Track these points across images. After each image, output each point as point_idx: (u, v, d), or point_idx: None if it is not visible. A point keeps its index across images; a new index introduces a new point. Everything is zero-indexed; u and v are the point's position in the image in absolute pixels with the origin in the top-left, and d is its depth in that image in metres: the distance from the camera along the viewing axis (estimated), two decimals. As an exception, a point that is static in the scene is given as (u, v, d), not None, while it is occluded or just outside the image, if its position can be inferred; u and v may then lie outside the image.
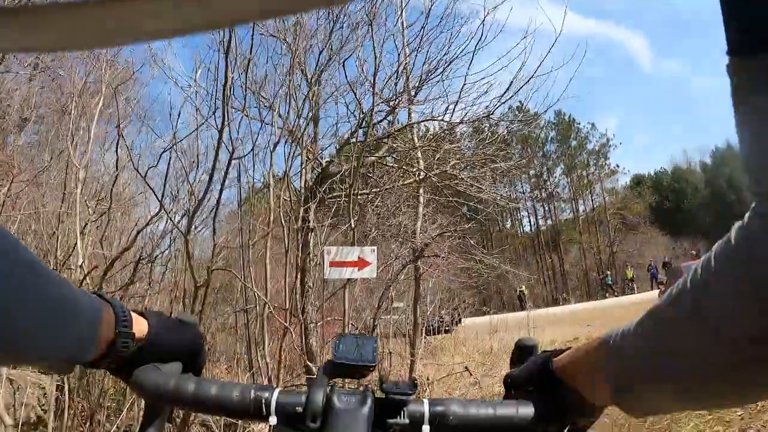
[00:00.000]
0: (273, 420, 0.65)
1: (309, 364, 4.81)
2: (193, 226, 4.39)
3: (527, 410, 0.69)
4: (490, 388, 7.72)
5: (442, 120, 6.01)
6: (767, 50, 0.37)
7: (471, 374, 7.88)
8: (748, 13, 0.38)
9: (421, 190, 6.90)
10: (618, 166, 43.96)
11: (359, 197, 6.22)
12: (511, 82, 5.34)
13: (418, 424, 0.66)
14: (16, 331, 0.49)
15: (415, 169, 6.51)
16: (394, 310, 10.43)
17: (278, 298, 5.65)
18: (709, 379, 0.48)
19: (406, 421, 0.66)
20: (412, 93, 6.01)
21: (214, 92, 4.54)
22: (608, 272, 35.21)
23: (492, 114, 5.87)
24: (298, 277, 5.54)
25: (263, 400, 0.66)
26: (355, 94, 5.87)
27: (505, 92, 5.46)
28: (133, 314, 0.63)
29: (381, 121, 6.31)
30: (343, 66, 5.85)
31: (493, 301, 42.35)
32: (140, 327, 0.64)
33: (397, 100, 5.99)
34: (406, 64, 5.97)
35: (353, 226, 5.31)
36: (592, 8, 78.86)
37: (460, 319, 20.85)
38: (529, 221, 46.60)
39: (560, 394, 0.68)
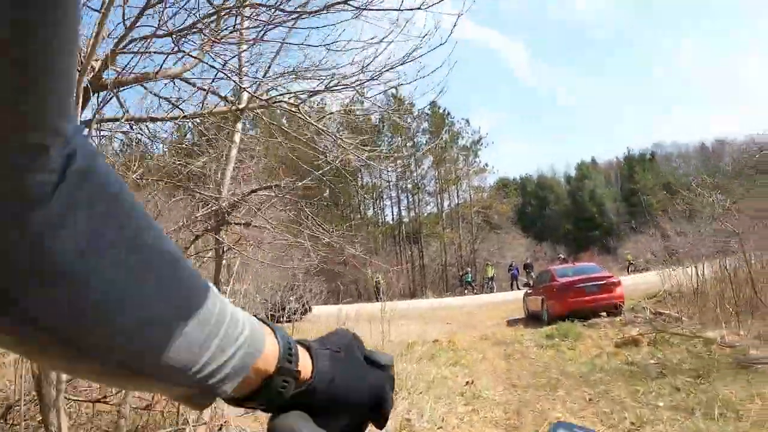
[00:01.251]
0: None
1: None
2: None
3: None
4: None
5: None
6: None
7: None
8: None
9: (239, 125, 5.65)
10: (487, 165, 42.37)
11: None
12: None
13: None
14: (156, 345, 0.39)
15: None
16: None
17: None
18: None
19: None
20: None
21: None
22: (468, 269, 33.24)
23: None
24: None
25: None
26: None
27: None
28: (299, 347, 0.51)
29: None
30: None
31: (348, 289, 39.66)
32: (305, 363, 0.50)
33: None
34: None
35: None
36: (484, 16, 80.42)
37: (309, 308, 19.24)
38: (392, 211, 43.80)
39: None
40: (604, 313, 12.02)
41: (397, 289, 38.44)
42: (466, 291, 29.96)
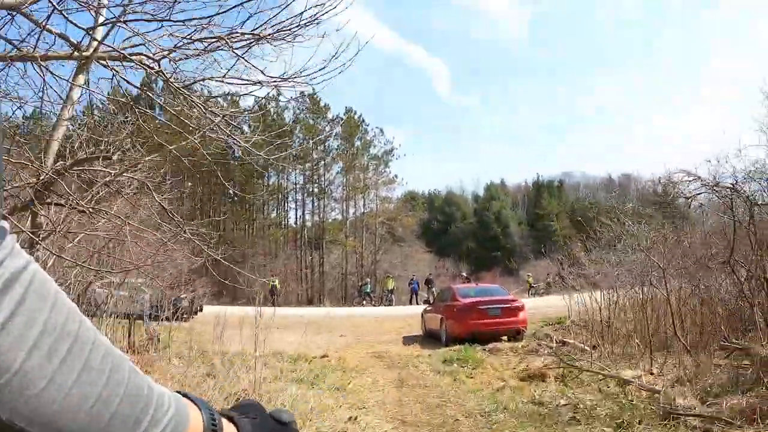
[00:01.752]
0: None
1: None
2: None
3: None
4: None
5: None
6: None
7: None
8: None
9: (81, 78, 4.26)
10: (396, 176, 41.63)
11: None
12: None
13: None
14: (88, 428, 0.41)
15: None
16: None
17: None
18: None
19: None
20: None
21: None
22: (368, 279, 32.29)
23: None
24: None
25: None
26: None
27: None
28: (223, 419, 0.54)
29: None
30: None
31: (245, 291, 37.36)
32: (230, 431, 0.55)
33: None
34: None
35: None
36: (410, 30, 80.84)
37: (201, 307, 18.42)
38: (296, 214, 42.07)
39: None
40: (504, 338, 11.33)
41: (295, 294, 36.97)
42: (364, 302, 28.91)
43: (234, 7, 3.91)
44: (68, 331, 0.40)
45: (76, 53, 4.02)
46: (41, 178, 4.00)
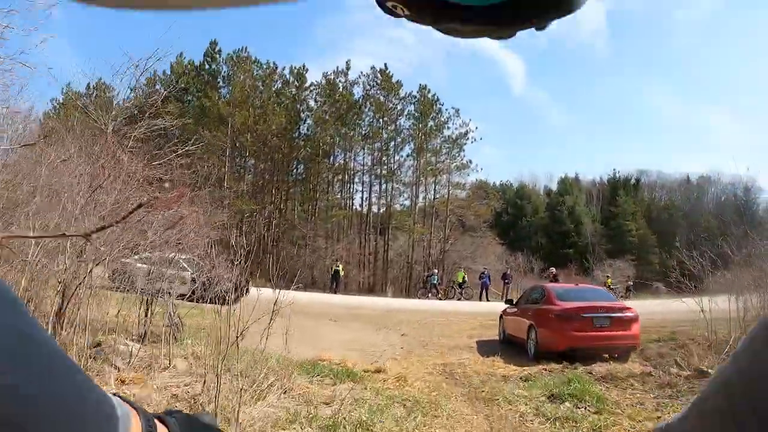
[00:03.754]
0: None
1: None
2: None
3: None
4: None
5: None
6: None
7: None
8: None
9: None
10: (470, 161, 38.50)
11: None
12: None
13: None
14: None
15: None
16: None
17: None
18: None
19: None
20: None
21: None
22: (435, 270, 29.73)
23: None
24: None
25: None
26: None
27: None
28: (156, 420, 0.54)
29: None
30: None
31: (302, 273, 35.85)
32: None
33: None
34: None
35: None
36: None
37: (248, 289, 15.70)
38: (361, 197, 39.87)
39: None
40: (606, 355, 8.80)
41: (356, 281, 35.08)
42: (429, 294, 26.54)
43: None
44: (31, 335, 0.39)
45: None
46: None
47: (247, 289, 18.49)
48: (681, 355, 8.86)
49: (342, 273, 28.85)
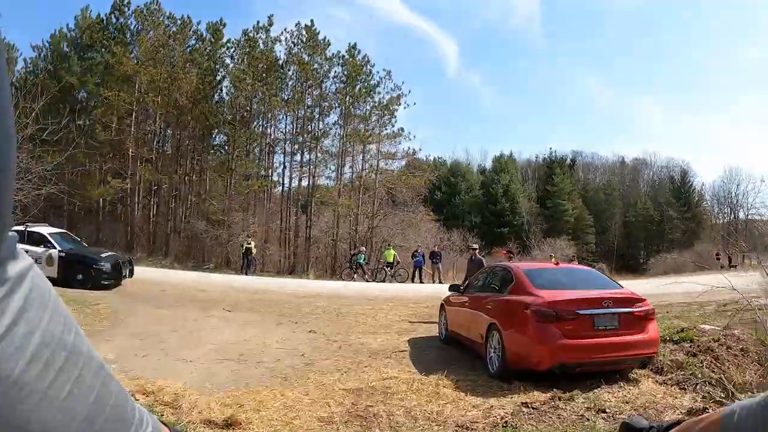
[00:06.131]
0: None
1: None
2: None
3: None
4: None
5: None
6: None
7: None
8: None
9: None
10: (403, 129, 34.84)
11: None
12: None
13: None
14: None
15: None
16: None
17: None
18: None
19: None
20: None
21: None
22: (363, 248, 26.51)
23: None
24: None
25: None
26: None
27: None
28: None
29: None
30: None
31: (215, 252, 31.75)
32: None
33: None
34: None
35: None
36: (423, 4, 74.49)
37: (131, 271, 15.36)
38: (282, 167, 35.79)
39: None
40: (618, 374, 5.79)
41: (272, 262, 31.28)
42: (356, 276, 23.23)
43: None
44: (65, 342, 0.40)
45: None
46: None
47: (131, 272, 14.61)
48: (708, 361, 6.05)
49: (255, 251, 24.96)
